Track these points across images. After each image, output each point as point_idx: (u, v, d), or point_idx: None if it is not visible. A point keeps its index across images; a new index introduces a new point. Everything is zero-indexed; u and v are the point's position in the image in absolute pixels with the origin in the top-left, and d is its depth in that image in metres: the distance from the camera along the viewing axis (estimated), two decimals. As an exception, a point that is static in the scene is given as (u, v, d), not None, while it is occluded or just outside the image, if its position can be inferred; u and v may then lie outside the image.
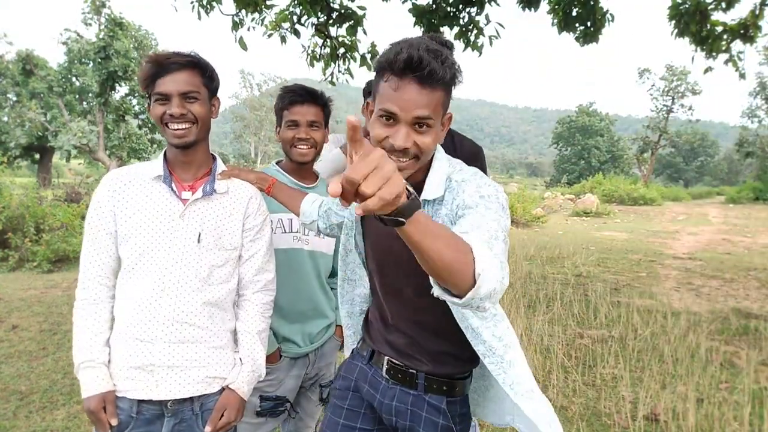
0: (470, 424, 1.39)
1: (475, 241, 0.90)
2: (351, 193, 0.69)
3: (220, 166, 1.56)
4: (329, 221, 1.57)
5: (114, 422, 1.38)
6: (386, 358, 1.38)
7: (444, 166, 1.22)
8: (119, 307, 1.44)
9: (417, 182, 1.22)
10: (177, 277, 1.41)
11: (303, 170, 1.91)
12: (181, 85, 1.40)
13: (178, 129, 1.41)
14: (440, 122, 1.16)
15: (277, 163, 1.97)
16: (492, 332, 1.22)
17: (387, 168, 0.70)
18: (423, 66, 1.04)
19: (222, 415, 1.45)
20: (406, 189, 0.77)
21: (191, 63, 1.42)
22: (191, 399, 1.44)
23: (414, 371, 1.33)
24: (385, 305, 1.38)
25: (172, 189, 1.44)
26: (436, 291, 0.90)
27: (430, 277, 0.90)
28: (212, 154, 1.57)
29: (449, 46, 1.21)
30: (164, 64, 1.39)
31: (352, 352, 1.53)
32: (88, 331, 1.42)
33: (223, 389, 1.49)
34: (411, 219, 0.79)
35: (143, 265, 1.41)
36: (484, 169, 2.05)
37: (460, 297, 0.87)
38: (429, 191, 1.18)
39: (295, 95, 1.82)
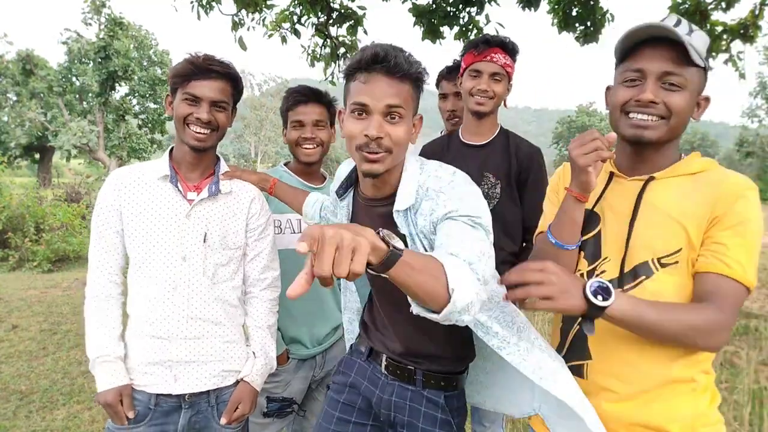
0: (466, 417, 1.40)
1: (447, 260, 0.94)
2: (329, 279, 0.73)
3: (224, 167, 1.59)
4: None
5: (131, 415, 1.41)
6: (384, 355, 1.40)
7: (414, 173, 1.22)
8: (132, 305, 1.48)
9: (392, 191, 1.23)
10: (186, 275, 1.44)
11: (310, 171, 1.92)
12: (214, 92, 1.43)
13: (199, 133, 1.44)
14: (411, 119, 1.19)
15: (285, 164, 1.97)
16: (500, 323, 1.20)
17: (345, 240, 0.72)
18: (389, 58, 1.11)
19: (237, 408, 1.50)
20: (383, 240, 0.82)
21: (229, 74, 1.46)
22: (207, 392, 1.49)
23: (412, 368, 1.35)
24: (380, 311, 1.41)
25: (178, 189, 1.47)
26: (415, 309, 0.95)
27: (408, 297, 0.94)
28: (216, 155, 1.60)
29: None
30: (203, 68, 1.42)
31: (350, 348, 1.56)
32: (102, 326, 1.44)
33: (237, 382, 1.53)
34: (395, 266, 0.84)
35: (151, 264, 1.44)
36: (542, 171, 1.96)
37: (437, 312, 0.91)
38: (400, 201, 1.19)
39: (299, 95, 1.83)
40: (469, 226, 1.08)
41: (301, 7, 5.32)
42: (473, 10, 5.46)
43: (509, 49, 1.90)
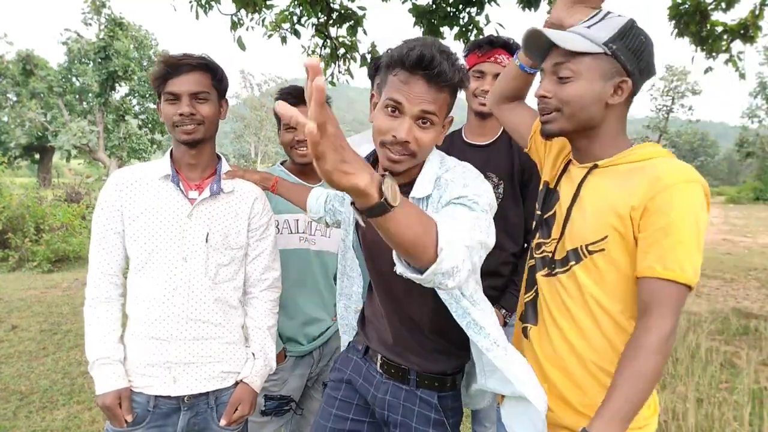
0: (461, 417, 1.39)
1: (441, 221, 0.90)
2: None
3: (225, 167, 1.58)
4: (334, 217, 1.61)
5: (129, 418, 1.41)
6: (379, 354, 1.40)
7: (435, 166, 1.22)
8: (131, 306, 1.47)
9: (410, 180, 1.23)
10: (187, 275, 1.44)
11: (307, 170, 1.91)
12: (191, 85, 1.43)
13: (186, 127, 1.43)
14: (442, 123, 1.18)
15: (282, 163, 1.97)
16: (494, 323, 1.22)
17: (345, 159, 0.69)
18: (434, 65, 1.06)
19: (236, 409, 1.50)
20: (379, 187, 0.76)
21: (202, 65, 1.45)
22: (207, 393, 1.48)
23: (406, 368, 1.35)
24: (377, 300, 1.41)
25: (179, 188, 1.46)
26: (399, 268, 0.91)
27: (394, 253, 0.91)
28: (218, 154, 1.59)
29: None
30: (175, 65, 1.42)
31: (348, 345, 1.56)
32: (101, 328, 1.44)
33: (237, 383, 1.53)
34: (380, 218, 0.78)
35: (153, 264, 1.43)
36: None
37: (421, 272, 0.88)
38: (418, 189, 1.19)
39: (289, 97, 1.81)
40: (466, 208, 1.06)
41: (300, 8, 5.32)
42: (473, 10, 5.46)
43: (513, 50, 1.90)
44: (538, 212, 1.33)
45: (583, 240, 1.16)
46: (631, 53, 1.12)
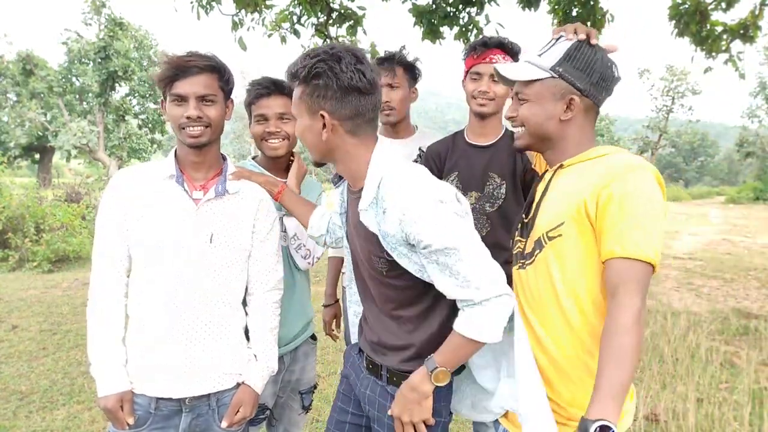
0: (440, 420, 1.33)
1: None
2: None
3: (231, 167, 1.57)
4: (335, 235, 1.62)
5: (131, 421, 1.40)
6: (365, 352, 1.45)
7: (379, 170, 1.25)
8: (133, 307, 1.46)
9: (362, 185, 1.28)
10: (190, 276, 1.43)
11: (278, 164, 1.86)
12: (198, 88, 1.40)
13: (193, 130, 1.41)
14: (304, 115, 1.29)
15: (253, 158, 1.92)
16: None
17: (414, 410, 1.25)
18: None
19: (237, 411, 1.49)
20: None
21: (210, 66, 1.43)
22: (208, 395, 1.47)
23: (379, 363, 1.39)
24: (363, 305, 1.48)
25: (184, 189, 1.45)
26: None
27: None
28: (222, 155, 1.57)
29: None
30: (183, 67, 1.39)
31: (353, 343, 1.60)
32: (103, 330, 1.43)
33: (238, 384, 1.52)
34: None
35: (155, 265, 1.42)
36: None
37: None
38: (364, 200, 1.26)
39: (261, 88, 1.75)
40: (439, 266, 1.17)
41: (300, 8, 5.33)
42: (473, 10, 5.47)
43: (509, 49, 1.89)
44: (522, 215, 1.43)
45: (544, 228, 1.24)
46: (579, 71, 1.22)
